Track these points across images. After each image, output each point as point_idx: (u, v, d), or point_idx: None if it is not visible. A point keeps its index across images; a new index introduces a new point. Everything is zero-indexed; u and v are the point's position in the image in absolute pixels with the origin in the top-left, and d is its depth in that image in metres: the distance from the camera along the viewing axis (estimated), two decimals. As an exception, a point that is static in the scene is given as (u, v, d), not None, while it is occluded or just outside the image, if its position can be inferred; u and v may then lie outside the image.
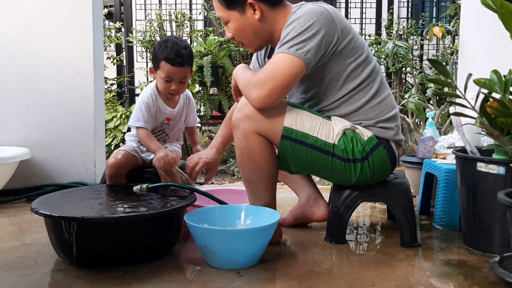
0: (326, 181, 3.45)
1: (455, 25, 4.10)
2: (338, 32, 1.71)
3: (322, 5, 1.73)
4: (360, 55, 1.77)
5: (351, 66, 1.76)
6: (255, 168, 1.76)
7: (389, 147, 1.81)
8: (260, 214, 1.80)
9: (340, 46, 1.73)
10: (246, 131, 1.72)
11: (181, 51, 2.04)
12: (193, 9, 5.88)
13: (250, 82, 1.71)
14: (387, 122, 1.81)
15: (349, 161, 1.75)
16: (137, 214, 1.66)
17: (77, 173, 2.89)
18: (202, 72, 3.92)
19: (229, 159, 4.19)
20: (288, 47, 1.66)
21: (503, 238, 1.73)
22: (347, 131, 1.75)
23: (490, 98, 1.72)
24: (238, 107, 1.76)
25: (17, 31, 2.85)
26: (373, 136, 1.78)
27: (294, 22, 1.69)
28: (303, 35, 1.66)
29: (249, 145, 1.73)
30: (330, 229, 1.91)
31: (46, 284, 1.52)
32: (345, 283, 1.52)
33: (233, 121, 1.76)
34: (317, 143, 1.73)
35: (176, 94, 2.14)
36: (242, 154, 1.76)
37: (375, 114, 1.80)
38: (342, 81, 1.77)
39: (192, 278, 1.57)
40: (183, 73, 2.07)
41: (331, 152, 1.74)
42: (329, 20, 1.69)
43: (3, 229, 2.11)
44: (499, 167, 1.72)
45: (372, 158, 1.77)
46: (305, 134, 1.72)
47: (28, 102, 2.86)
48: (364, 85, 1.79)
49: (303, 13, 1.69)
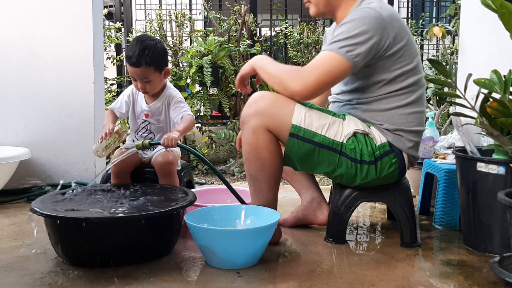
0: (326, 181, 3.46)
1: (455, 25, 4.11)
2: (390, 39, 1.72)
3: (381, 10, 1.73)
4: (408, 64, 1.78)
5: (395, 72, 1.77)
6: (261, 164, 1.76)
7: (401, 158, 1.80)
8: (260, 214, 1.80)
9: (389, 52, 1.74)
10: (255, 126, 1.73)
11: (138, 52, 2.01)
12: (193, 9, 5.88)
13: (298, 70, 1.72)
14: (408, 133, 1.81)
15: (356, 161, 1.75)
16: (137, 214, 1.66)
17: (77, 173, 2.89)
18: (202, 72, 3.92)
19: (229, 159, 4.19)
20: (340, 46, 1.69)
21: (503, 238, 1.73)
22: (358, 133, 1.75)
23: (490, 98, 1.72)
24: (249, 103, 1.77)
25: (17, 31, 2.85)
26: (386, 143, 1.78)
27: (349, 23, 1.71)
28: (355, 38, 1.68)
29: (257, 141, 1.74)
30: (330, 229, 1.91)
31: (46, 284, 1.52)
32: (345, 283, 1.52)
33: (242, 117, 1.77)
34: (325, 141, 1.74)
35: (144, 92, 2.14)
36: (250, 150, 1.77)
37: (400, 121, 1.80)
38: (382, 84, 1.79)
39: (192, 278, 1.57)
40: (142, 73, 2.04)
41: (339, 150, 1.74)
42: (382, 26, 1.70)
43: (3, 229, 2.11)
44: (499, 167, 1.71)
45: (380, 163, 1.77)
46: (312, 133, 1.73)
47: (28, 102, 2.86)
48: (401, 92, 1.79)
49: (361, 15, 1.71)
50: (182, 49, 4.31)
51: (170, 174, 2.11)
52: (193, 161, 4.06)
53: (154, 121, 2.21)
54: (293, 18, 5.76)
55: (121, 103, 2.23)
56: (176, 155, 2.21)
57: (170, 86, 2.24)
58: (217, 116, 4.60)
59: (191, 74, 3.96)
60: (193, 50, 4.09)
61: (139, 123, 2.23)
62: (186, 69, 4.15)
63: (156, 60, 2.06)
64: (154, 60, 2.05)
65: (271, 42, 5.07)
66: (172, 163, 2.11)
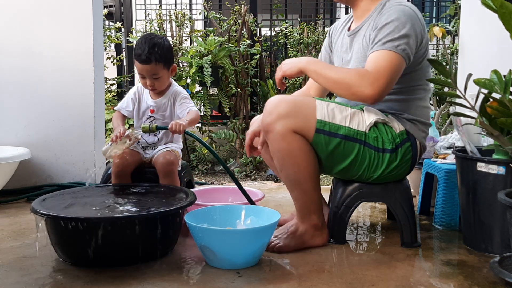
0: (326, 181, 3.45)
1: (455, 25, 4.11)
2: (421, 36, 1.80)
3: (412, 7, 1.81)
4: (424, 60, 1.86)
5: (417, 67, 1.85)
6: (299, 166, 1.76)
7: (415, 145, 1.86)
8: (260, 214, 1.80)
9: (420, 48, 1.81)
10: (283, 131, 1.72)
11: (148, 49, 2.06)
12: (193, 9, 5.88)
13: (365, 74, 1.73)
14: (421, 124, 1.89)
15: (378, 150, 1.78)
16: (137, 214, 1.66)
17: (77, 173, 2.90)
18: (202, 72, 3.92)
19: (229, 159, 4.19)
20: (396, 45, 1.73)
21: (503, 238, 1.73)
22: (378, 123, 1.79)
23: (490, 98, 1.72)
24: (269, 110, 1.75)
25: (17, 31, 2.85)
26: (404, 130, 1.83)
27: (395, 21, 1.75)
28: (406, 37, 1.74)
29: (289, 145, 1.73)
30: (330, 229, 1.90)
31: (46, 284, 1.52)
32: (345, 283, 1.52)
33: (265, 126, 1.75)
34: (350, 132, 1.76)
35: (153, 89, 2.17)
36: (283, 156, 1.76)
37: (418, 112, 1.88)
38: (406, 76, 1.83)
39: (192, 278, 1.57)
40: (151, 70, 2.09)
41: (363, 140, 1.77)
42: (419, 25, 1.79)
43: (3, 229, 2.11)
44: (499, 167, 1.71)
45: (400, 150, 1.81)
46: (337, 126, 1.75)
47: (28, 102, 2.86)
48: (418, 86, 1.88)
49: (402, 13, 1.76)
50: (182, 49, 4.31)
51: (171, 174, 2.11)
52: (193, 161, 4.06)
53: (159, 117, 2.23)
54: (293, 18, 5.76)
55: (128, 101, 2.26)
56: (177, 155, 2.21)
57: (175, 83, 2.29)
58: (217, 116, 4.60)
59: (191, 74, 3.96)
60: (193, 50, 4.09)
61: (144, 120, 2.24)
62: (186, 69, 4.15)
63: (165, 57, 2.10)
64: (163, 56, 2.09)
65: (271, 42, 5.08)
66: (173, 163, 2.11)
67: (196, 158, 4.09)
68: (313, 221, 1.82)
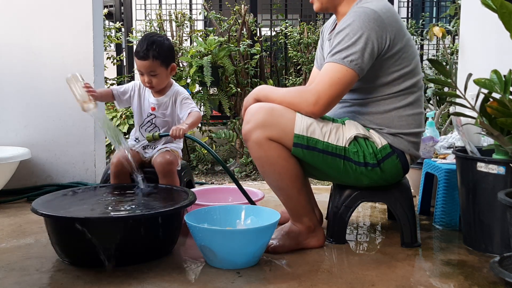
0: (326, 181, 3.45)
1: (455, 25, 4.11)
2: (389, 41, 1.71)
3: (380, 10, 1.71)
4: (406, 67, 1.77)
5: (393, 75, 1.77)
6: (279, 173, 1.74)
7: (403, 157, 1.81)
8: (260, 214, 1.80)
9: (388, 54, 1.73)
10: (259, 139, 1.71)
11: (146, 46, 2.08)
12: (193, 9, 5.88)
13: (306, 91, 1.72)
14: (408, 136, 1.81)
15: (360, 165, 1.74)
16: (137, 214, 1.66)
17: (77, 173, 2.90)
18: (202, 72, 3.92)
19: (229, 159, 4.19)
20: (343, 57, 1.68)
21: (503, 238, 1.73)
22: (358, 137, 1.75)
23: (490, 98, 1.72)
24: (247, 119, 1.74)
25: (17, 31, 2.85)
26: (387, 145, 1.78)
27: (348, 27, 1.69)
28: (356, 45, 1.67)
29: (266, 153, 1.72)
30: (330, 229, 1.90)
31: (46, 284, 1.52)
32: (345, 283, 1.52)
33: (244, 134, 1.75)
34: (328, 147, 1.73)
35: (150, 87, 2.17)
36: (262, 164, 1.75)
37: (399, 124, 1.79)
38: (380, 85, 1.78)
39: (192, 278, 1.57)
40: (148, 66, 2.10)
41: (343, 155, 1.73)
42: (381, 28, 1.69)
43: (3, 229, 2.11)
44: (499, 167, 1.71)
45: (384, 165, 1.77)
46: (315, 140, 1.71)
47: (28, 102, 2.86)
48: (399, 94, 1.79)
49: (359, 18, 1.69)
50: (182, 49, 4.31)
51: (171, 174, 2.11)
52: (193, 161, 4.06)
53: (160, 115, 2.23)
54: (293, 18, 5.76)
55: (125, 87, 2.28)
56: (177, 155, 2.21)
57: (176, 84, 2.29)
58: (217, 116, 4.60)
59: (191, 74, 3.96)
60: (193, 50, 4.09)
61: (144, 117, 2.24)
62: (186, 69, 4.15)
63: (162, 55, 2.11)
64: (162, 54, 2.10)
65: (271, 42, 5.08)
66: (172, 163, 2.11)
67: (196, 158, 4.09)
68: (305, 224, 1.82)
